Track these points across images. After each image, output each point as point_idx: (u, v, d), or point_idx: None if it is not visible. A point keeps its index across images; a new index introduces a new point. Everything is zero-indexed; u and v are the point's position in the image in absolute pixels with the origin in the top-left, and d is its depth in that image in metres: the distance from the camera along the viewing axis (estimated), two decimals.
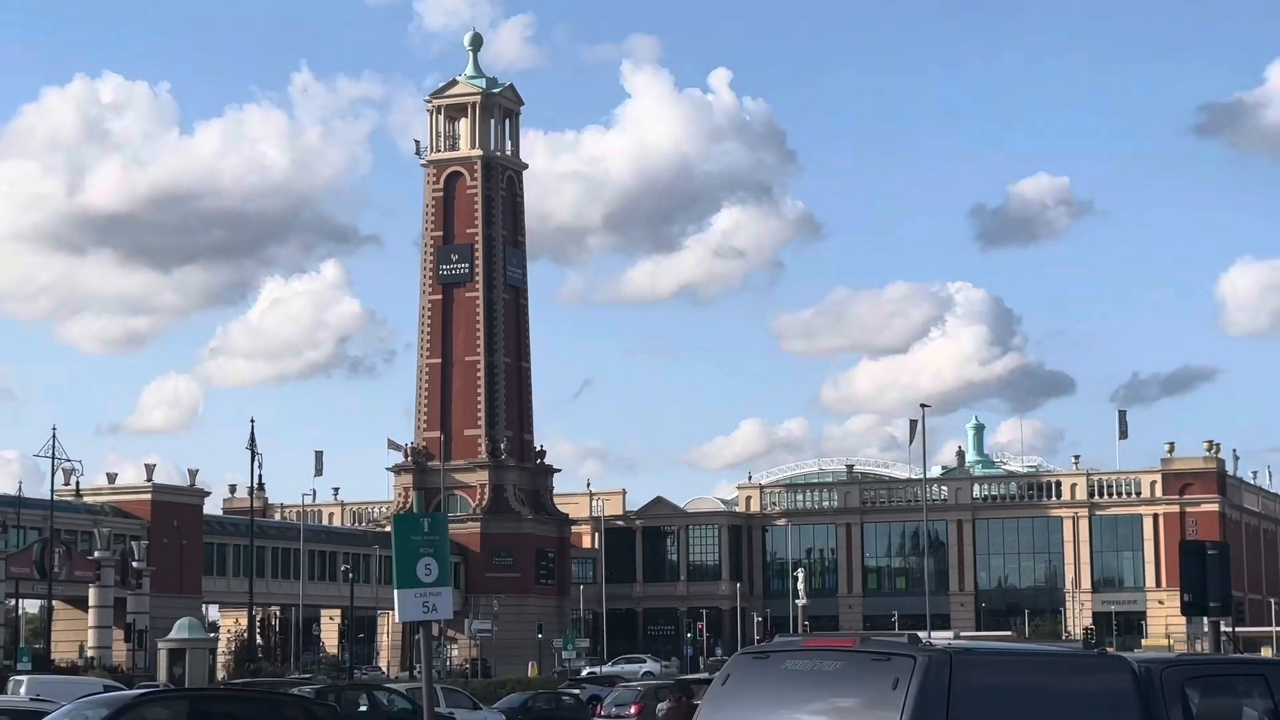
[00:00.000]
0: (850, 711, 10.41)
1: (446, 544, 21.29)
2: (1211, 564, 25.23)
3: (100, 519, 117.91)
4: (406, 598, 20.64)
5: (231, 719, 22.50)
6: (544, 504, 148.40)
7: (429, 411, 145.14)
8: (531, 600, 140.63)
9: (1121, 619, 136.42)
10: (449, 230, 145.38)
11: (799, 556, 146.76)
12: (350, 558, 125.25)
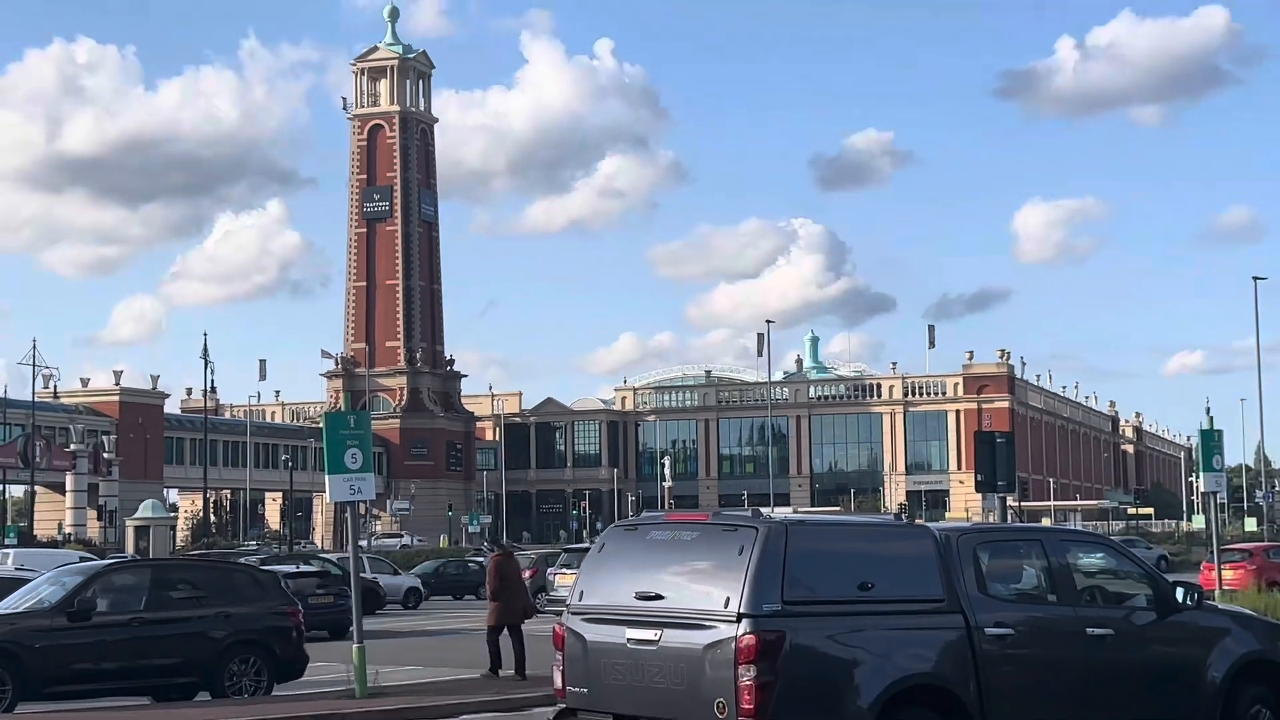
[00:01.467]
0: (704, 573, 10.48)
1: (369, 438, 21.21)
2: (1000, 451, 25.65)
3: (75, 417, 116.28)
4: (336, 482, 20.58)
5: (189, 584, 22.32)
6: (453, 404, 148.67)
7: (356, 327, 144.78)
8: (443, 484, 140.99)
9: (930, 496, 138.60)
10: (371, 174, 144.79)
11: (665, 447, 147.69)
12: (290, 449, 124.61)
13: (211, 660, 21.01)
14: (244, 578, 23.27)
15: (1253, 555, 42.12)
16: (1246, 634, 12.38)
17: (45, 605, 20.46)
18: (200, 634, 21.03)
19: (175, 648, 20.83)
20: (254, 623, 21.54)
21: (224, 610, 21.36)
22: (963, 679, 10.71)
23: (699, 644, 10.17)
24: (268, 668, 21.57)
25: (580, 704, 10.98)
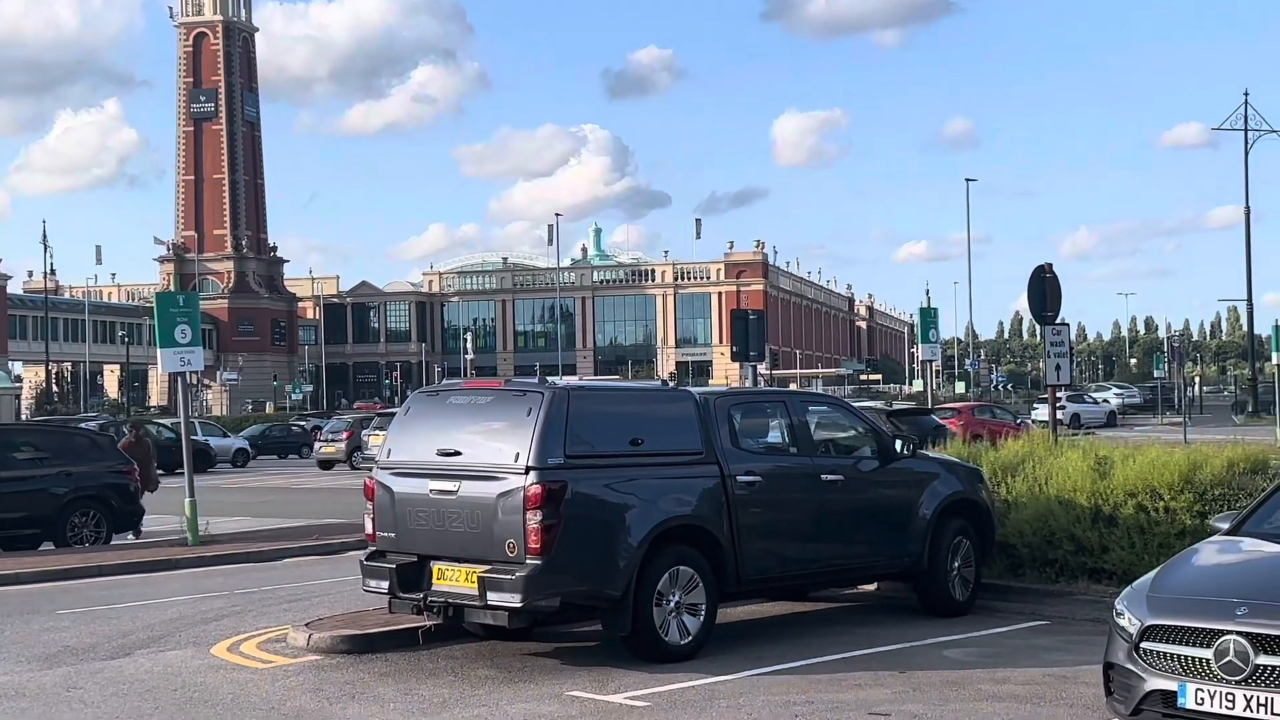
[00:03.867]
0: (497, 432, 10.50)
1: (197, 315, 20.66)
2: (753, 326, 26.08)
3: None
4: (167, 355, 20.04)
5: (33, 447, 21.61)
6: (277, 286, 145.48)
7: (186, 216, 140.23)
8: (268, 357, 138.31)
9: (696, 366, 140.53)
10: (198, 77, 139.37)
11: (468, 324, 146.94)
12: (126, 326, 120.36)
13: (54, 514, 20.53)
14: (84, 440, 22.66)
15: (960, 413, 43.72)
16: (952, 477, 12.89)
17: None
18: (43, 490, 20.53)
19: (20, 503, 20.25)
20: (93, 480, 21.06)
21: (65, 469, 20.82)
22: (718, 519, 10.96)
23: (492, 493, 10.22)
24: (106, 520, 21.14)
25: (389, 547, 10.98)
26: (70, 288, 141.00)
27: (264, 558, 19.17)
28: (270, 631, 12.25)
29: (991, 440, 16.51)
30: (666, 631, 10.49)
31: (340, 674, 10.30)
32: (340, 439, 46.59)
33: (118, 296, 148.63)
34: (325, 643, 11.24)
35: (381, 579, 10.81)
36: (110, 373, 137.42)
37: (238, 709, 9.14)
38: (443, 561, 10.51)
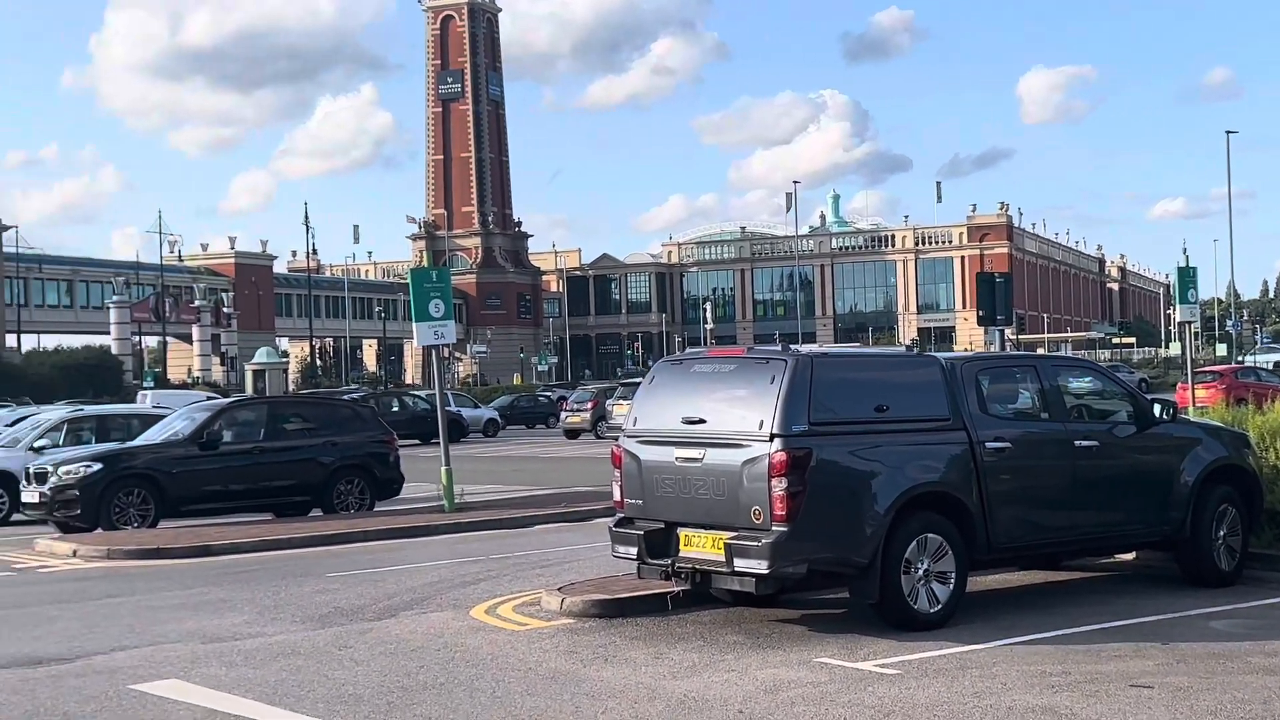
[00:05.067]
0: (741, 399, 10.51)
1: (449, 290, 21.28)
2: (999, 289, 25.45)
3: (198, 277, 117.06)
4: (422, 329, 20.71)
5: (300, 418, 22.64)
6: (522, 260, 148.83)
7: (436, 195, 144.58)
8: (514, 330, 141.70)
9: (938, 333, 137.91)
10: (445, 59, 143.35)
11: (707, 294, 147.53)
12: (383, 302, 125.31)
13: (321, 482, 21.43)
14: (347, 411, 23.60)
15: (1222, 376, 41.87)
16: (1215, 443, 12.34)
17: (180, 437, 20.81)
18: (311, 460, 21.43)
19: (290, 472, 21.24)
20: (357, 450, 21.91)
21: (331, 440, 21.71)
22: (966, 486, 10.75)
23: (737, 461, 10.24)
24: (369, 488, 21.98)
25: (636, 514, 11.12)
26: (330, 266, 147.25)
27: (516, 524, 19.69)
28: (525, 595, 12.58)
29: (1257, 404, 15.70)
30: (915, 599, 10.36)
31: (592, 637, 10.52)
32: (585, 409, 47.48)
33: (374, 274, 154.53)
34: (577, 607, 11.48)
35: (630, 545, 10.97)
36: (369, 347, 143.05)
37: (498, 669, 9.42)
38: (689, 528, 10.60)
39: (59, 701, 8.70)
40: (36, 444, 24.15)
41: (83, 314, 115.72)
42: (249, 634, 11.12)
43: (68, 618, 12.31)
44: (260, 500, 21.14)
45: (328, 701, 8.54)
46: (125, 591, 13.99)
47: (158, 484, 20.04)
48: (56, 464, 20.18)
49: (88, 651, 10.46)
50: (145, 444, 20.97)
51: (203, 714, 8.27)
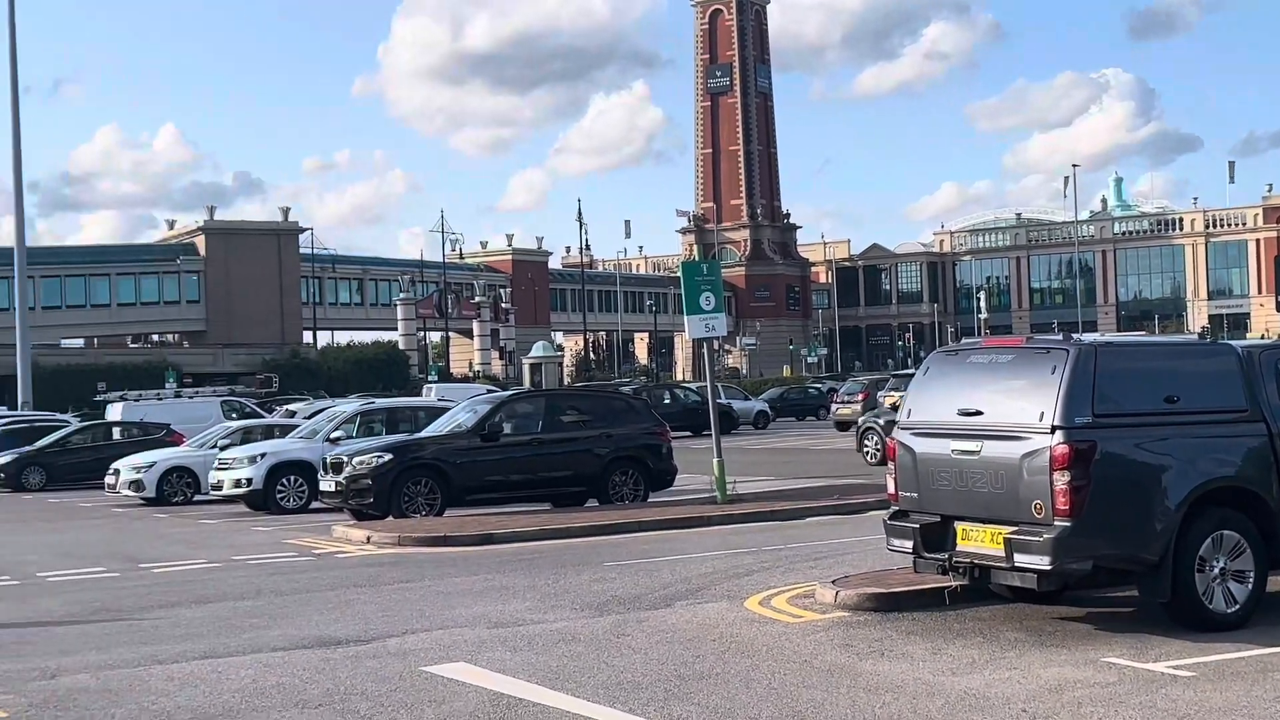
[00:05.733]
0: (1020, 390, 10.24)
1: (720, 282, 21.41)
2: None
3: (478, 274, 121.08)
4: (694, 321, 20.89)
5: (576, 410, 23.14)
6: (790, 252, 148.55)
7: (705, 188, 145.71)
8: (783, 322, 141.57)
9: (1230, 320, 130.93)
10: (714, 53, 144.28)
11: (980, 283, 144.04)
12: (654, 295, 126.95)
13: (597, 473, 21.87)
14: (621, 404, 24.02)
15: None
16: None
17: (463, 429, 21.59)
18: (587, 451, 21.88)
19: (567, 463, 21.75)
20: (631, 441, 22.27)
21: (606, 431, 22.13)
22: (1265, 481, 10.19)
23: (1016, 454, 9.98)
24: (643, 479, 22.31)
25: (911, 506, 10.97)
26: (603, 261, 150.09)
27: (787, 516, 19.68)
28: (798, 588, 12.56)
29: None
30: (1210, 599, 9.88)
31: (868, 631, 10.43)
32: (856, 400, 47.04)
33: (645, 268, 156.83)
34: (852, 600, 11.41)
35: (905, 539, 10.83)
36: (640, 340, 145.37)
37: (773, 661, 9.44)
38: (967, 522, 10.38)
39: (357, 681, 9.15)
40: (332, 435, 25.49)
41: (372, 311, 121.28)
42: (531, 620, 11.46)
43: (363, 601, 12.94)
44: (539, 490, 21.74)
45: (607, 688, 8.72)
46: (415, 577, 14.61)
47: (444, 474, 20.84)
48: (351, 454, 21.21)
49: (382, 634, 10.98)
50: (432, 435, 21.84)
51: (489, 696, 8.57)
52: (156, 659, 10.14)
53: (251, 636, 11.09)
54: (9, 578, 16.24)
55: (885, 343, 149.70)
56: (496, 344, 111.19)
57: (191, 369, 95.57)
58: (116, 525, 23.78)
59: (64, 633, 11.73)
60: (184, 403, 44.18)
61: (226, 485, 25.45)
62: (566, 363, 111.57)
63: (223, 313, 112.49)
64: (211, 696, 8.77)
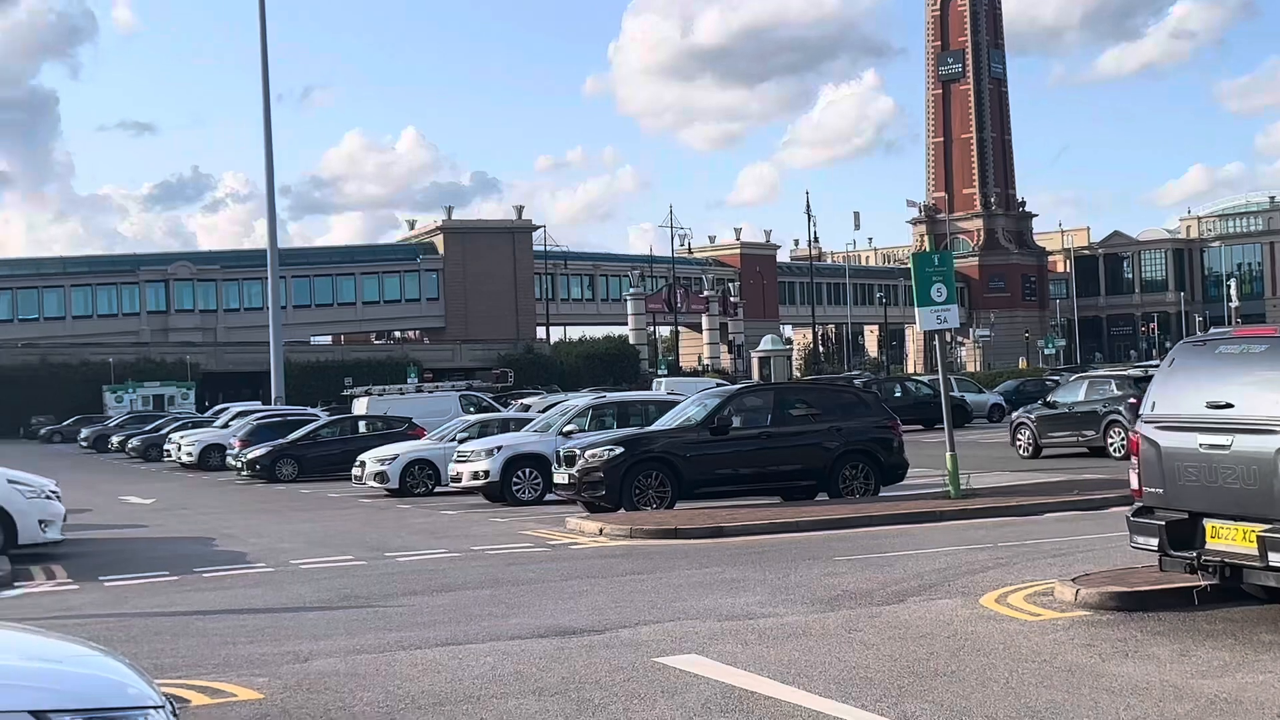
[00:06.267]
0: (1273, 382, 9.75)
1: (952, 273, 21.02)
2: None
3: (706, 269, 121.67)
4: (925, 313, 20.56)
5: (805, 404, 23.03)
6: (1026, 241, 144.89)
7: (936, 178, 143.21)
8: (1019, 313, 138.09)
9: None
10: (945, 40, 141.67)
11: (1230, 270, 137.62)
12: (883, 287, 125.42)
13: (827, 466, 21.73)
14: (851, 397, 23.81)
15: None
16: None
17: (692, 422, 21.73)
18: (817, 445, 21.77)
19: (797, 456, 21.67)
20: (861, 435, 22.05)
21: (835, 425, 21.96)
22: None
23: (1270, 448, 9.51)
24: (874, 472, 22.07)
25: (1156, 503, 10.56)
26: (831, 254, 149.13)
27: (1024, 511, 19.18)
28: (1036, 585, 12.24)
29: None
30: None
31: (1111, 630, 10.09)
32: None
33: (874, 260, 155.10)
34: (1094, 598, 11.05)
35: (1150, 536, 10.43)
36: (870, 332, 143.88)
37: (1010, 659, 9.23)
38: (1216, 519, 9.94)
39: (591, 670, 9.32)
40: (565, 429, 25.97)
41: (603, 306, 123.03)
42: (762, 614, 11.46)
43: (595, 592, 13.15)
44: (768, 484, 21.71)
45: (840, 683, 8.66)
46: (646, 569, 14.78)
47: (674, 467, 21.02)
48: (583, 448, 21.57)
49: (614, 624, 11.14)
50: (662, 429, 22.05)
51: (721, 688, 8.61)
52: (401, 645, 10.52)
53: (489, 625, 11.40)
54: (265, 565, 17.08)
55: (1127, 333, 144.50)
56: (725, 338, 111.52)
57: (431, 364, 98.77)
58: (363, 515, 24.74)
59: (315, 618, 12.27)
60: (424, 397, 45.64)
61: (465, 477, 26.19)
62: (795, 356, 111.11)
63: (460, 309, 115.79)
64: (453, 682, 9.05)
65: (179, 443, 46.76)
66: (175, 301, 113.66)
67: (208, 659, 10.24)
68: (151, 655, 10.21)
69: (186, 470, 44.37)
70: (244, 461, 37.49)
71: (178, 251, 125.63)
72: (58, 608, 13.79)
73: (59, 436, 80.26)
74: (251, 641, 10.98)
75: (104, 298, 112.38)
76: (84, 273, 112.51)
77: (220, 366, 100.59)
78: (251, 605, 13.38)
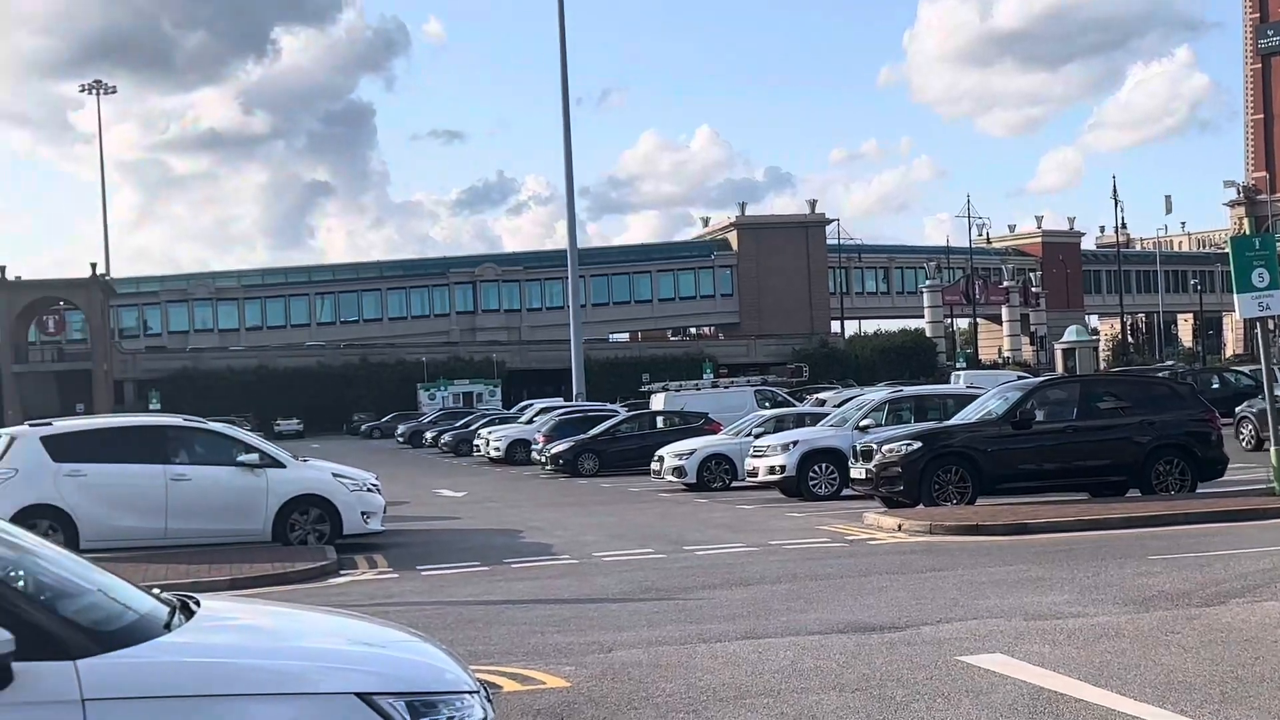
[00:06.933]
0: None
1: (1275, 257, 19.85)
2: None
3: (1005, 258, 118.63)
4: (1245, 300, 19.51)
5: (1114, 397, 22.15)
6: None
7: (1255, 157, 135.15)
8: None
9: None
10: (1264, 12, 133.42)
11: None
12: (1198, 273, 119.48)
13: (1137, 461, 20.85)
14: (1164, 389, 22.79)
15: None
16: None
17: (993, 416, 21.19)
18: (1126, 439, 20.91)
19: (1104, 451, 20.87)
20: (1175, 429, 21.07)
21: (1146, 418, 21.05)
22: None
23: None
24: (1190, 468, 21.04)
25: None
26: (1140, 240, 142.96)
27: None
28: None
29: None
30: None
31: None
32: None
33: (1187, 245, 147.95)
34: None
35: None
36: (1183, 321, 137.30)
37: None
38: None
39: (892, 667, 9.20)
40: (861, 423, 25.76)
41: (898, 299, 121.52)
42: (1070, 613, 11.08)
43: (895, 589, 12.99)
44: (1073, 479, 20.99)
45: (1156, 687, 8.29)
46: (947, 566, 14.50)
47: (974, 462, 20.55)
48: (880, 442, 21.34)
49: (915, 621, 10.97)
50: (961, 423, 21.58)
51: (1029, 690, 8.36)
52: (701, 637, 10.65)
53: (788, 619, 11.40)
54: (569, 557, 17.57)
55: None
56: (1026, 329, 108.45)
57: (726, 360, 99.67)
58: (661, 509, 25.14)
59: (617, 610, 12.54)
60: (720, 392, 46.07)
61: (761, 472, 26.30)
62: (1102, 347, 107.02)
63: (754, 305, 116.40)
64: (753, 676, 9.10)
65: (487, 438, 48.61)
66: (482, 301, 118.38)
67: (518, 647, 10.61)
68: (465, 642, 10.65)
69: (494, 464, 46.09)
70: (548, 456, 38.67)
71: (484, 254, 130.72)
72: (379, 595, 14.55)
73: (378, 432, 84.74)
74: (558, 631, 11.32)
75: (417, 299, 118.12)
76: (398, 276, 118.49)
77: (524, 364, 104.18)
78: (558, 596, 13.78)
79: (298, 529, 19.11)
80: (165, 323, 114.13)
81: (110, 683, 4.32)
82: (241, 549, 18.29)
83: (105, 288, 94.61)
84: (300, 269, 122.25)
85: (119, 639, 4.53)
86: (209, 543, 18.65)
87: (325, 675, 4.61)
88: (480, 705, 4.87)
